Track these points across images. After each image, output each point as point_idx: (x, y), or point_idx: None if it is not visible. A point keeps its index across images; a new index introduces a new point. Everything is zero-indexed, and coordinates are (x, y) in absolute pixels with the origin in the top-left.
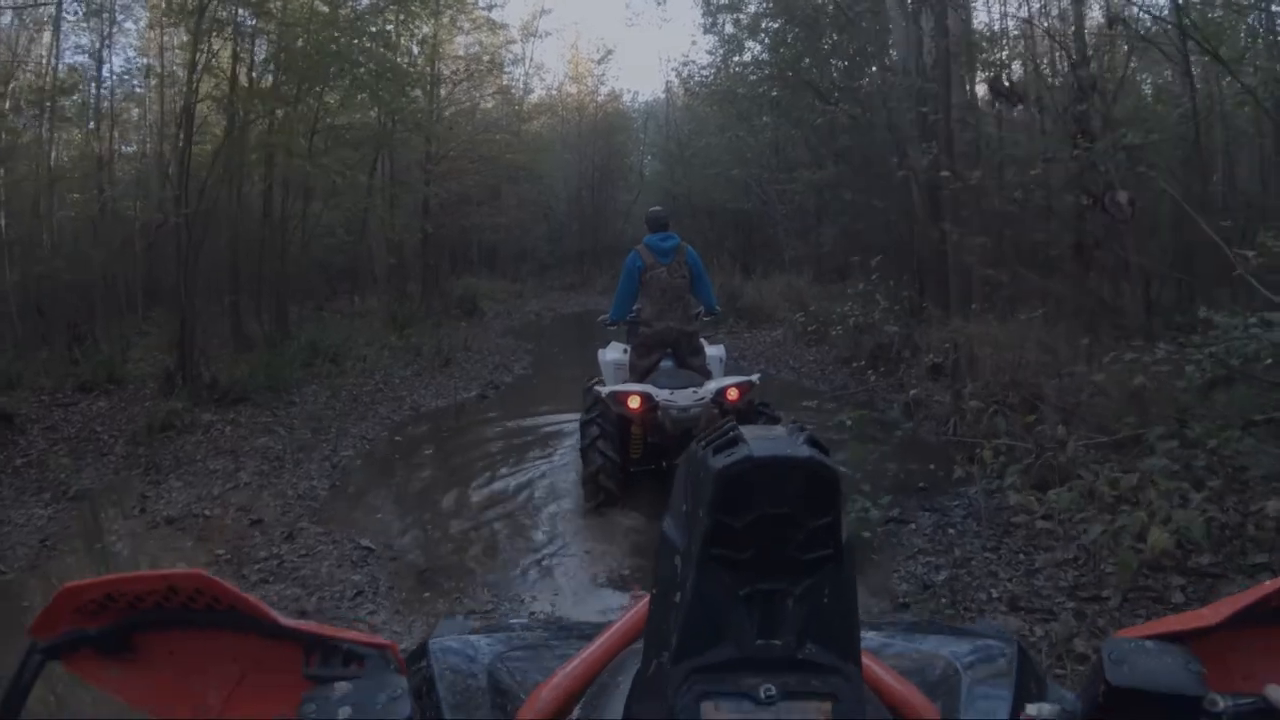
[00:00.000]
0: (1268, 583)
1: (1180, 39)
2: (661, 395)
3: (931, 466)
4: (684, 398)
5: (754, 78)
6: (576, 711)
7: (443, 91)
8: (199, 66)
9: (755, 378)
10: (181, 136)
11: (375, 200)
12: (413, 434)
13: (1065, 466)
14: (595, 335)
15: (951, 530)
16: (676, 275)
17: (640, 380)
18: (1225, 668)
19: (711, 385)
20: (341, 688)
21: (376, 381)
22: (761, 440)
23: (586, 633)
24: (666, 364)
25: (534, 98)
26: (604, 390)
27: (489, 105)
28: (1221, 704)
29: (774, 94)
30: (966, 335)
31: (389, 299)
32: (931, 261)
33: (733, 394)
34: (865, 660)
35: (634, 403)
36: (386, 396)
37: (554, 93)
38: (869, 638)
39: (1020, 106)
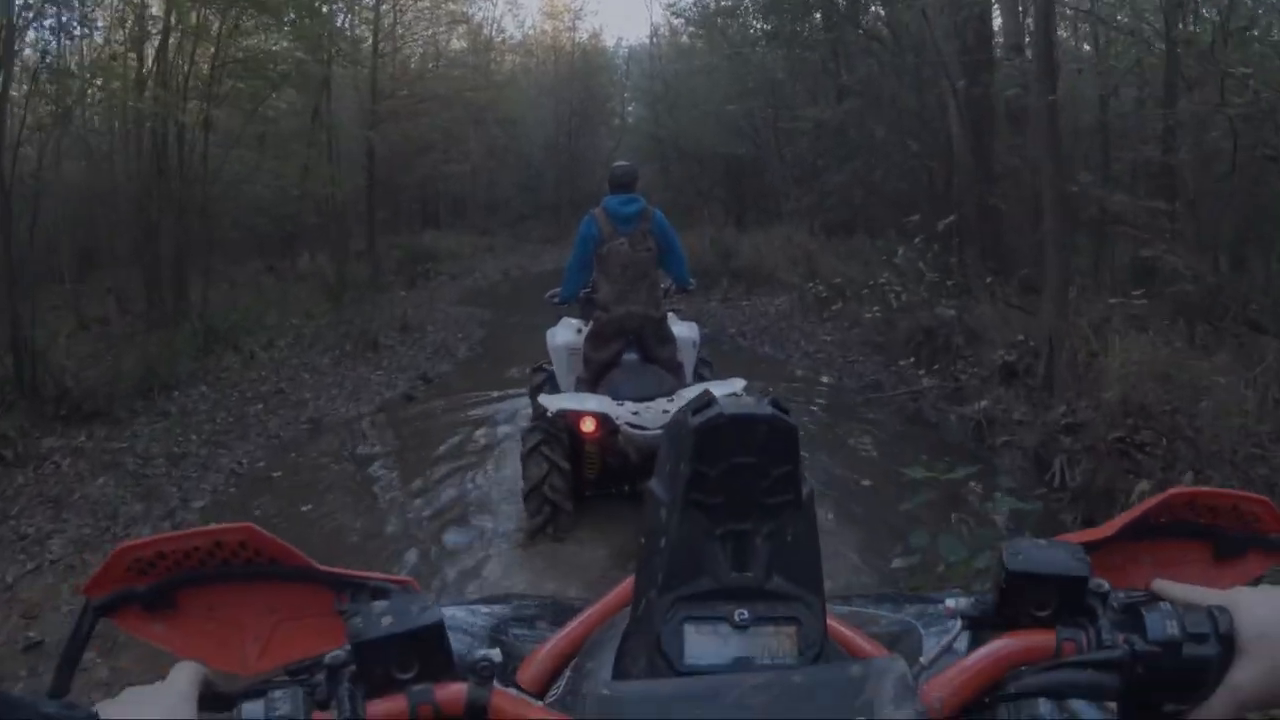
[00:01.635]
0: (1149, 499)
1: None
2: (623, 416)
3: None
4: (651, 418)
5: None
6: (574, 661)
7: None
8: None
9: (739, 386)
10: None
11: (314, 148)
12: (297, 466)
13: None
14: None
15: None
16: (640, 248)
17: (596, 378)
18: (1121, 573)
19: (686, 396)
20: (380, 605)
21: (280, 377)
22: (732, 401)
23: (580, 607)
24: (629, 356)
25: (505, 37)
26: (551, 406)
27: (460, 45)
28: (1107, 586)
29: (768, 27)
30: (1069, 331)
31: (328, 261)
32: (977, 220)
33: None
34: (829, 621)
35: (588, 425)
36: (287, 400)
37: (528, 31)
38: (837, 608)
39: None
